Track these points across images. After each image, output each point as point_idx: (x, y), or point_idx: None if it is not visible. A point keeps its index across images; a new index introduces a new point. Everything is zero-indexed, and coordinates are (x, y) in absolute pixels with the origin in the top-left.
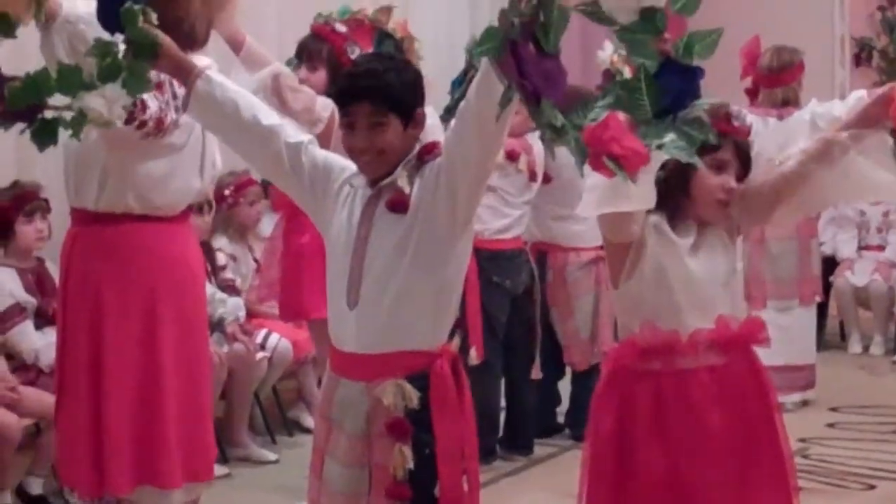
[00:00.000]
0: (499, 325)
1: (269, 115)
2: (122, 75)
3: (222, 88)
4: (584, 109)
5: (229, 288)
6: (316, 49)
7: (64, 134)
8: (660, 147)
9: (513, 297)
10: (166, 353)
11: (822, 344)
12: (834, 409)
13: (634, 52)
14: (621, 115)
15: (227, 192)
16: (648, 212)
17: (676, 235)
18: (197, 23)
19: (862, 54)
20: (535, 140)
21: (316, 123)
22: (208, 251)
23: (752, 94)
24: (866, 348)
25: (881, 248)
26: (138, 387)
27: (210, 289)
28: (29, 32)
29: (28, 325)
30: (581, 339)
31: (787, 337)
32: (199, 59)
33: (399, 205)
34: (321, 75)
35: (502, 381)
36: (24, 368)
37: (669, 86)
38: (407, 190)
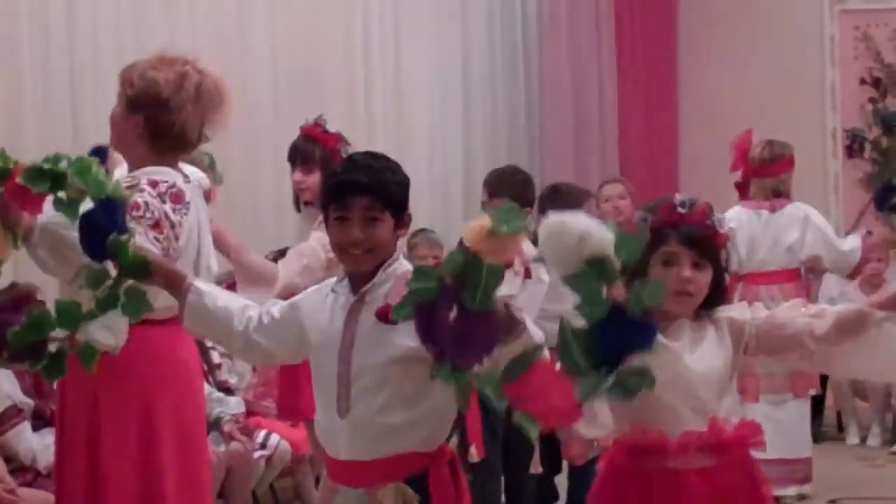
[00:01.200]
0: (498, 421)
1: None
2: (121, 301)
3: (212, 298)
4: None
5: (225, 390)
6: (309, 151)
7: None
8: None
9: None
10: (166, 458)
11: (819, 435)
12: (833, 502)
13: (583, 300)
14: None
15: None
16: None
17: (667, 338)
18: (188, 126)
19: (854, 146)
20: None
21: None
22: (203, 351)
23: (741, 188)
24: (864, 439)
25: None
26: (138, 494)
27: (207, 388)
28: None
29: (25, 427)
30: (578, 434)
31: (781, 430)
32: (185, 168)
33: (387, 316)
34: (316, 177)
35: (502, 479)
36: (22, 470)
37: (618, 338)
38: None
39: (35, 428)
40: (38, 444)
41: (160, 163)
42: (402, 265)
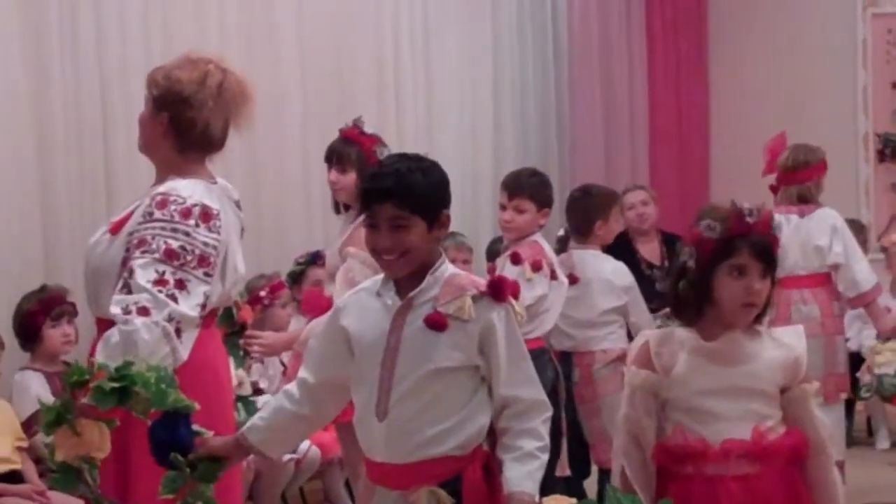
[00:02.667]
0: None
1: (300, 397)
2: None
3: (262, 419)
4: None
5: (255, 392)
6: (345, 152)
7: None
8: None
9: None
10: None
11: (850, 440)
12: None
13: None
14: None
15: (262, 293)
16: (673, 329)
17: (720, 345)
18: (211, 124)
19: (885, 150)
20: (540, 238)
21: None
22: None
23: (775, 190)
24: (894, 444)
25: None
26: None
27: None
28: None
29: None
30: (608, 436)
31: None
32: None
33: (438, 324)
34: (351, 177)
35: None
36: (52, 472)
37: None
38: (465, 317)
39: None
40: None
41: (185, 163)
42: (448, 269)
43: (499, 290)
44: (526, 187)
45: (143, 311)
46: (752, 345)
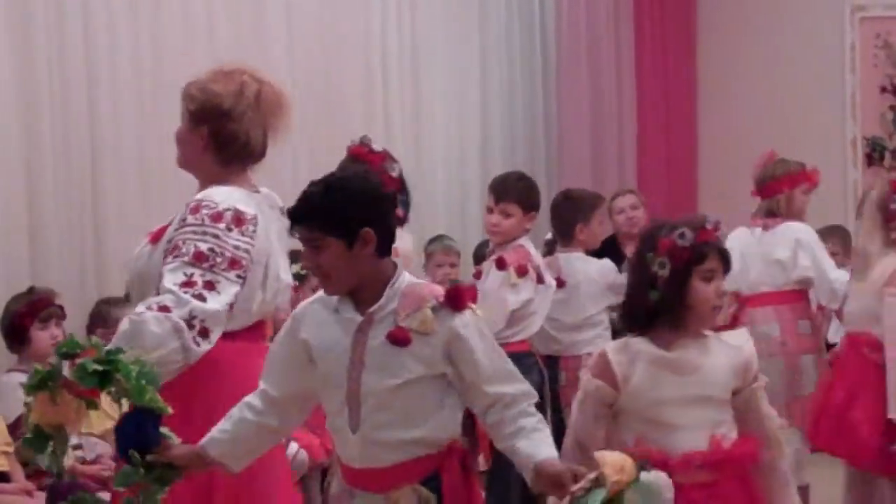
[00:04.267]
0: None
1: (263, 408)
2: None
3: (222, 432)
4: None
5: None
6: None
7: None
8: None
9: None
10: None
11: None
12: None
13: None
14: None
15: None
16: (628, 339)
17: (670, 352)
18: (252, 134)
19: (874, 154)
20: (527, 242)
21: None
22: None
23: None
24: None
25: None
26: None
27: None
28: None
29: None
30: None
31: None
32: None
33: (401, 340)
34: None
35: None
36: (39, 474)
37: None
38: (428, 331)
39: None
40: None
41: (227, 175)
42: (406, 279)
43: (456, 300)
44: (513, 191)
45: (163, 309)
46: (704, 350)
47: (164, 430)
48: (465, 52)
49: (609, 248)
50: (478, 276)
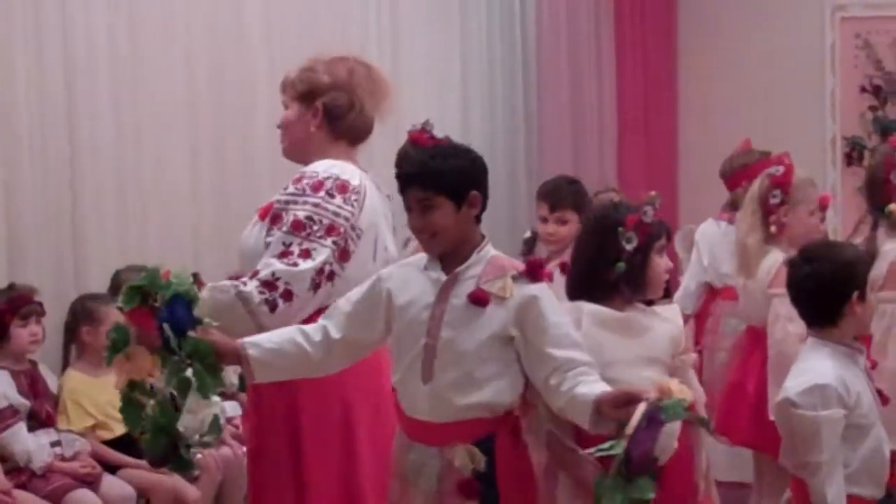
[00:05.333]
0: None
1: (317, 340)
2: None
3: (268, 339)
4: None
5: (220, 394)
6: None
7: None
8: None
9: None
10: (366, 466)
11: None
12: None
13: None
14: None
15: None
16: (575, 303)
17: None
18: (365, 109)
19: (853, 154)
20: None
21: None
22: None
23: None
24: None
25: None
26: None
27: None
28: None
29: (21, 428)
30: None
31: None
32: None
33: (481, 300)
34: None
35: None
36: (17, 471)
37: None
38: (506, 295)
39: (30, 429)
40: (34, 445)
41: (335, 154)
42: (491, 251)
43: (535, 271)
44: (568, 198)
45: (253, 274)
46: (649, 317)
47: (199, 316)
48: (444, 45)
49: None
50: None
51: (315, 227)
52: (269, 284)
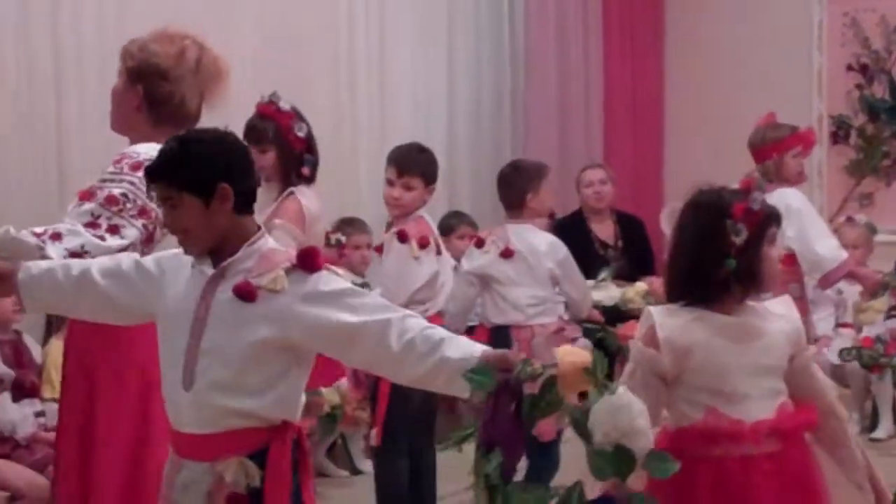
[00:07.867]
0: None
1: (75, 277)
2: None
3: (38, 266)
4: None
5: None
6: (263, 129)
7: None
8: None
9: None
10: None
11: None
12: None
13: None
14: None
15: None
16: (677, 308)
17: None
18: (187, 97)
19: (839, 132)
20: (426, 214)
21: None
22: None
23: None
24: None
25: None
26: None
27: None
28: None
29: (5, 398)
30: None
31: None
32: None
33: (246, 294)
34: (270, 156)
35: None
36: (1, 441)
37: None
38: (277, 288)
39: (15, 399)
40: (18, 415)
41: (158, 137)
42: (268, 243)
43: (309, 262)
44: (416, 164)
45: (55, 237)
46: (762, 318)
47: None
48: (431, 27)
49: (574, 222)
50: (379, 250)
51: (128, 206)
52: (76, 255)
